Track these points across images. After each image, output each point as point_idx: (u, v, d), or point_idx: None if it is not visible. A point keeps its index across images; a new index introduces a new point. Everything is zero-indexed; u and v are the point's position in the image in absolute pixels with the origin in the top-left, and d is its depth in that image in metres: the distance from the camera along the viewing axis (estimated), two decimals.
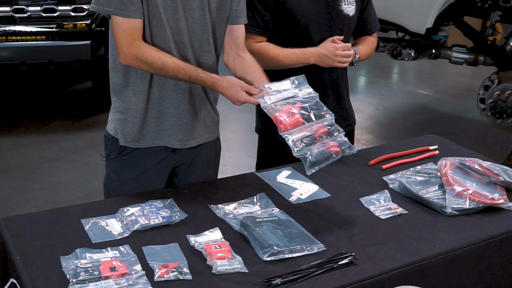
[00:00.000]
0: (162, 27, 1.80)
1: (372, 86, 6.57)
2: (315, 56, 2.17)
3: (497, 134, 4.74)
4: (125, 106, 1.91)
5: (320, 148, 1.66)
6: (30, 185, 3.85)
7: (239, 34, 1.97)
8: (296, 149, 1.64)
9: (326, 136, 1.70)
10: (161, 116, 1.91)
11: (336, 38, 2.17)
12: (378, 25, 2.45)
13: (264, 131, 2.37)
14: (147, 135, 1.93)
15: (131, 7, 1.73)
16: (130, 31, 1.75)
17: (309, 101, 1.77)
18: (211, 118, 2.03)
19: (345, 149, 1.70)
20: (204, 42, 1.89)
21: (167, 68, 1.77)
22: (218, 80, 1.81)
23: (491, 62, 4.28)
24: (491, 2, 3.92)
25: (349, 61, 2.21)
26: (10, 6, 4.36)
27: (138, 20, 1.76)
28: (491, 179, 1.94)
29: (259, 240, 1.57)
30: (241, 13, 1.95)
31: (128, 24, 1.75)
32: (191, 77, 1.80)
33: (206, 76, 1.81)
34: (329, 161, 1.67)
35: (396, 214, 1.81)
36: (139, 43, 1.76)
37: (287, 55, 2.17)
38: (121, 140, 1.92)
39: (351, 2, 2.25)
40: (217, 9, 1.89)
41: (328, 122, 1.73)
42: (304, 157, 1.63)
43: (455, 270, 1.67)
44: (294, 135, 1.66)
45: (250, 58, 1.98)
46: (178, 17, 1.80)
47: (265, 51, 2.15)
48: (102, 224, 1.66)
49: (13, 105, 5.36)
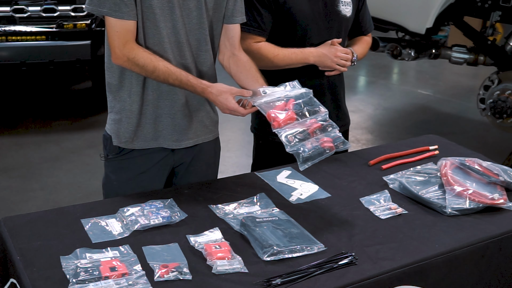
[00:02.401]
0: (156, 28, 1.79)
1: (372, 86, 6.57)
2: (315, 56, 2.16)
3: (497, 134, 4.74)
4: (120, 106, 1.91)
5: (314, 144, 1.65)
6: (30, 185, 3.85)
7: (234, 34, 1.97)
8: (289, 145, 1.63)
9: (319, 131, 1.69)
10: (156, 117, 1.91)
11: (335, 41, 2.17)
12: (372, 25, 2.46)
13: (260, 131, 2.37)
14: (142, 136, 1.93)
15: (124, 9, 1.73)
16: (123, 32, 1.76)
17: (303, 97, 1.76)
18: (210, 118, 2.03)
19: (339, 145, 1.68)
20: (201, 42, 1.89)
21: (158, 72, 1.77)
22: (208, 86, 1.80)
23: (491, 62, 4.28)
24: (491, 2, 3.93)
25: (348, 65, 2.20)
26: (10, 6, 4.36)
27: (132, 22, 1.76)
28: (491, 179, 1.94)
29: (259, 240, 1.57)
30: (237, 12, 1.95)
31: (121, 26, 1.75)
32: (181, 82, 1.79)
33: (197, 82, 1.80)
34: (323, 157, 1.65)
35: (396, 214, 1.81)
36: (131, 45, 1.77)
37: (287, 55, 2.17)
38: (115, 140, 1.92)
39: (348, 3, 2.25)
40: (214, 8, 1.89)
41: (321, 117, 1.72)
42: (297, 152, 1.62)
43: (455, 270, 1.67)
44: (287, 131, 1.66)
45: (245, 57, 1.98)
46: (174, 17, 1.80)
47: (264, 51, 2.15)
48: (102, 224, 1.66)
49: (13, 105, 5.36)
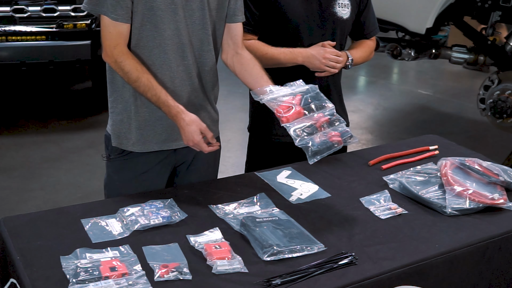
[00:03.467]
0: (157, 30, 1.80)
1: (372, 86, 6.57)
2: (303, 56, 2.15)
3: (497, 134, 4.74)
4: (121, 108, 1.91)
5: (322, 138, 1.66)
6: (30, 185, 3.85)
7: (237, 32, 1.97)
8: (298, 139, 1.64)
9: (327, 125, 1.70)
10: (156, 119, 1.90)
11: (327, 43, 2.16)
12: (377, 29, 2.42)
13: (255, 130, 2.38)
14: (142, 138, 1.92)
15: (119, 11, 1.75)
16: (115, 34, 1.77)
17: (309, 92, 1.77)
18: (210, 118, 2.03)
19: (347, 139, 1.70)
20: (204, 42, 1.89)
21: (140, 83, 1.77)
22: (183, 112, 1.78)
23: (491, 62, 4.28)
24: (491, 2, 3.92)
25: (338, 67, 2.18)
26: (10, 6, 4.36)
27: (125, 25, 1.77)
28: (491, 179, 1.94)
29: (259, 240, 1.57)
30: (238, 11, 1.95)
31: (114, 27, 1.77)
32: (159, 99, 1.78)
33: (174, 104, 1.79)
34: (331, 151, 1.66)
35: (396, 214, 1.81)
36: (121, 49, 1.78)
37: (275, 54, 2.16)
38: (115, 141, 1.92)
39: (346, 4, 2.23)
40: (217, 8, 1.89)
41: (328, 111, 1.73)
42: (306, 146, 1.63)
43: (455, 270, 1.67)
44: (296, 125, 1.67)
45: (248, 55, 1.99)
46: (177, 19, 1.80)
47: (253, 49, 2.13)
48: (102, 224, 1.66)
49: (13, 105, 5.36)
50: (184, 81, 1.89)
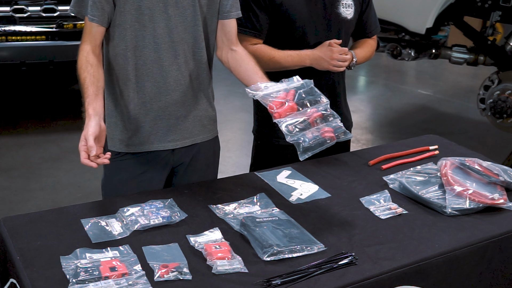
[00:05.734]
0: (146, 29, 1.80)
1: (372, 86, 6.57)
2: (311, 58, 2.15)
3: (497, 134, 4.74)
4: (115, 110, 1.92)
5: (314, 133, 1.62)
6: (30, 185, 3.85)
7: (231, 29, 1.97)
8: (289, 135, 1.62)
9: (320, 121, 1.66)
10: (149, 120, 1.90)
11: (333, 42, 2.15)
12: (378, 28, 2.43)
13: (260, 132, 2.37)
14: (137, 140, 1.92)
15: (95, 12, 1.78)
16: (87, 32, 1.82)
17: (303, 87, 1.74)
18: (208, 117, 2.03)
19: (340, 135, 1.65)
20: (197, 39, 1.89)
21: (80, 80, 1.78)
22: (91, 118, 1.68)
23: (491, 62, 4.28)
24: (491, 2, 3.93)
25: (345, 65, 2.18)
26: (10, 6, 4.36)
27: (97, 27, 1.80)
28: (491, 179, 1.94)
29: (259, 240, 1.57)
30: (231, 7, 1.95)
31: (89, 27, 1.81)
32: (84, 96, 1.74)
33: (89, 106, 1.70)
34: (323, 147, 1.62)
35: (396, 214, 1.81)
36: (85, 46, 1.81)
37: (283, 57, 2.16)
38: (110, 144, 1.92)
39: (350, 5, 2.23)
40: (208, 4, 1.89)
41: (322, 107, 1.70)
42: (297, 142, 1.60)
43: (455, 270, 1.67)
44: (288, 121, 1.64)
45: (243, 51, 1.98)
46: (168, 16, 1.81)
47: (260, 53, 2.13)
48: (102, 224, 1.66)
49: (13, 105, 5.36)
50: (178, 79, 1.89)
